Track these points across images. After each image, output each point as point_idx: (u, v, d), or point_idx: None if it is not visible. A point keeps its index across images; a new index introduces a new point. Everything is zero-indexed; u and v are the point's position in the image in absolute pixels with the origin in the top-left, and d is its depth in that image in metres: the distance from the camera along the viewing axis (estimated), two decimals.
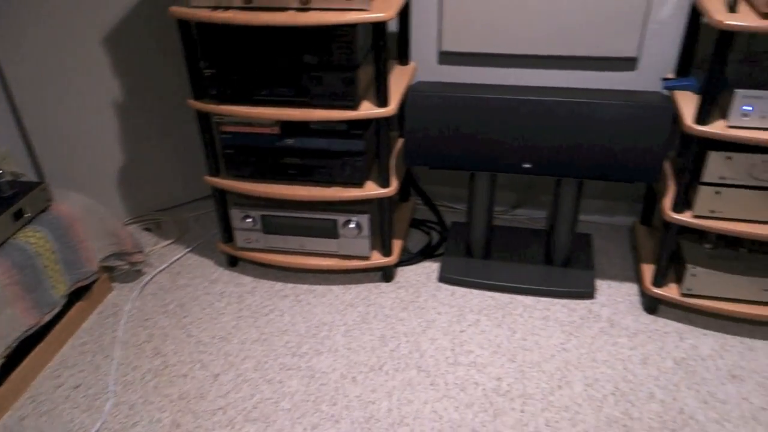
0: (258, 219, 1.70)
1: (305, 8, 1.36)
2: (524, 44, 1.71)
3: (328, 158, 1.58)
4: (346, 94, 1.44)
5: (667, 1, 1.58)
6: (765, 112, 1.26)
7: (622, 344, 1.54)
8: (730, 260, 1.52)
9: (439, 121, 1.49)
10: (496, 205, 2.06)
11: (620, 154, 1.43)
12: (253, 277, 1.82)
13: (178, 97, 1.95)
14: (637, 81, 1.71)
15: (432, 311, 1.67)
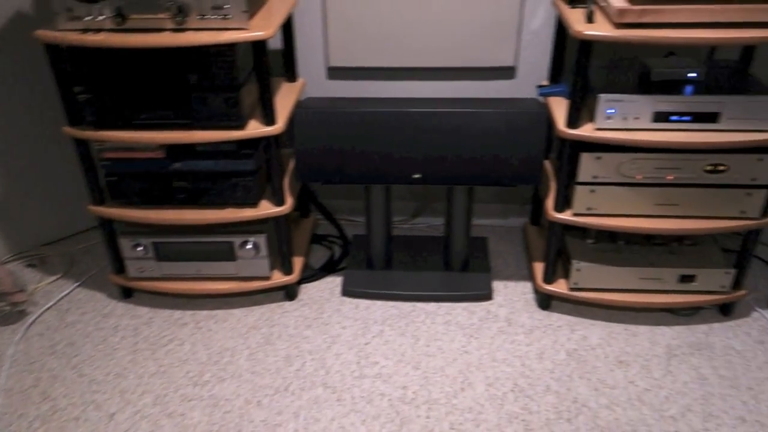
0: (149, 247, 1.64)
1: (181, 29, 1.33)
2: (409, 57, 1.75)
3: (219, 179, 1.55)
4: (230, 114, 1.42)
5: (537, 13, 1.68)
6: (626, 113, 1.36)
7: (519, 341, 1.60)
8: (610, 253, 1.63)
9: (328, 136, 1.50)
10: (396, 215, 2.09)
11: (503, 159, 1.50)
12: (149, 308, 1.75)
13: (53, 124, 1.85)
14: (517, 89, 1.79)
15: (337, 326, 1.67)
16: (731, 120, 1.35)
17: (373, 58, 1.76)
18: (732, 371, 1.49)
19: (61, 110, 1.83)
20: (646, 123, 1.37)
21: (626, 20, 1.25)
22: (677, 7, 1.23)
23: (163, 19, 1.32)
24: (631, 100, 1.35)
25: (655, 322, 1.64)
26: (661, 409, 1.40)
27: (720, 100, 1.33)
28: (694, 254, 1.61)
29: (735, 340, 1.58)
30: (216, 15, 1.31)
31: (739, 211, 1.46)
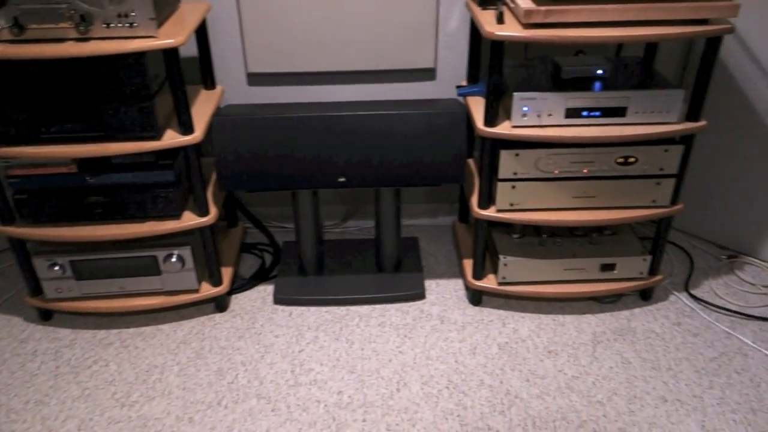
0: (67, 266, 1.57)
1: (85, 38, 1.28)
2: (330, 61, 1.75)
3: (138, 192, 1.50)
4: (145, 124, 1.38)
5: (452, 15, 1.70)
6: (540, 111, 1.40)
7: (452, 338, 1.62)
8: (535, 247, 1.67)
9: (249, 143, 1.48)
10: (327, 219, 2.08)
11: (426, 159, 1.51)
12: (71, 329, 1.67)
13: None
14: (438, 89, 1.82)
15: (270, 335, 1.65)
16: (637, 114, 1.41)
17: (294, 63, 1.75)
18: (653, 353, 1.56)
19: None
20: (560, 119, 1.41)
21: (533, 20, 1.29)
22: (580, 7, 1.28)
23: (65, 29, 1.27)
24: (543, 98, 1.39)
25: (581, 311, 1.70)
26: (589, 395, 1.45)
27: (626, 95, 1.39)
28: (613, 243, 1.68)
29: (655, 324, 1.65)
30: (122, 23, 1.27)
31: (650, 201, 1.53)
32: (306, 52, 1.73)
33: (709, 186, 1.87)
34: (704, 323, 1.64)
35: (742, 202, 1.82)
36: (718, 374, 1.49)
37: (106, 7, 1.25)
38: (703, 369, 1.51)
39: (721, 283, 1.78)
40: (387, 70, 1.79)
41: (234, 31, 1.72)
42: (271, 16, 1.67)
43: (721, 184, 1.84)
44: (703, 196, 1.89)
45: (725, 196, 1.85)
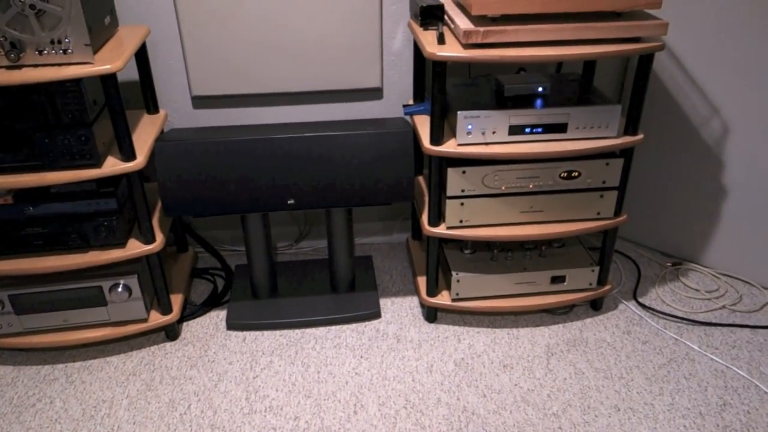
0: (5, 300, 1.51)
1: (17, 65, 1.24)
2: (275, 83, 1.74)
3: (79, 222, 1.45)
4: (84, 152, 1.34)
5: (396, 35, 1.72)
6: (483, 128, 1.42)
7: (408, 357, 1.62)
8: (486, 262, 1.68)
9: (193, 168, 1.46)
10: (280, 240, 2.06)
11: (374, 179, 1.51)
12: (12, 366, 1.61)
13: None
14: (386, 108, 1.83)
15: (223, 362, 1.61)
16: (578, 129, 1.44)
17: (239, 85, 1.73)
18: (605, 363, 1.58)
19: None
20: (503, 136, 1.44)
21: (472, 41, 1.31)
22: (518, 27, 1.31)
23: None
24: (487, 116, 1.41)
25: (534, 323, 1.72)
26: (544, 408, 1.46)
27: (566, 111, 1.42)
28: (562, 256, 1.70)
29: (606, 333, 1.68)
30: (56, 50, 1.24)
31: (595, 213, 1.56)
32: (251, 73, 1.72)
33: (653, 196, 1.92)
34: (653, 330, 1.68)
35: (683, 210, 1.88)
36: (667, 380, 1.52)
37: (38, 34, 1.22)
38: (653, 376, 1.54)
39: (668, 291, 1.83)
40: (334, 90, 1.79)
41: (176, 54, 1.70)
42: (214, 37, 1.66)
43: (663, 194, 1.90)
44: (648, 205, 1.95)
45: (668, 206, 1.90)
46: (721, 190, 1.79)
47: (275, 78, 1.74)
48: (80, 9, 1.22)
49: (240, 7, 1.62)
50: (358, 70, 1.74)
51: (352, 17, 1.67)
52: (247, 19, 1.64)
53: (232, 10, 1.63)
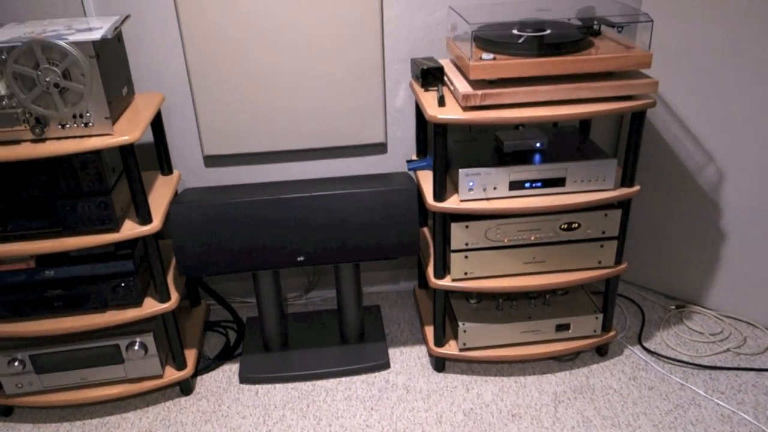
0: (26, 360, 1.56)
1: (41, 139, 1.32)
2: (283, 141, 1.81)
3: (97, 283, 1.51)
4: (103, 218, 1.41)
5: (398, 93, 1.79)
6: (484, 185, 1.48)
7: (418, 408, 1.64)
8: (492, 311, 1.72)
9: (207, 228, 1.52)
10: (290, 291, 2.11)
11: (380, 234, 1.57)
12: (32, 424, 1.64)
13: None
14: (390, 163, 1.89)
15: (236, 417, 1.64)
16: (576, 183, 1.49)
17: (248, 144, 1.81)
18: (612, 410, 1.60)
19: None
20: (504, 191, 1.49)
21: (471, 104, 1.38)
22: (514, 90, 1.37)
23: (20, 131, 1.30)
24: (487, 173, 1.47)
25: (541, 371, 1.74)
26: None
27: (564, 166, 1.48)
28: (566, 303, 1.74)
29: (612, 379, 1.70)
30: (77, 123, 1.31)
31: (596, 262, 1.60)
32: (260, 133, 1.80)
33: (655, 239, 1.96)
34: (658, 375, 1.70)
35: (685, 253, 1.92)
36: (674, 427, 1.54)
37: (61, 110, 1.30)
38: (660, 423, 1.55)
39: (672, 334, 1.85)
40: (340, 147, 1.86)
41: (189, 117, 1.78)
42: (224, 100, 1.74)
43: (665, 237, 1.94)
44: (650, 249, 1.99)
45: (670, 249, 1.94)
46: (721, 234, 1.83)
47: (283, 136, 1.81)
48: (101, 85, 1.30)
49: (249, 71, 1.70)
50: (363, 127, 1.82)
51: (356, 77, 1.75)
52: (256, 83, 1.72)
53: (241, 75, 1.71)
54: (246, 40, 1.67)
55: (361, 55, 1.72)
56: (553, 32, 1.46)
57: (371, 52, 1.72)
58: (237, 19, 1.65)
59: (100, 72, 1.30)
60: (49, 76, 1.26)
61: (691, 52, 1.69)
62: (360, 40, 1.71)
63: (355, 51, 1.71)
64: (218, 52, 1.68)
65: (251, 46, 1.68)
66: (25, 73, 1.26)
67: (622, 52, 1.40)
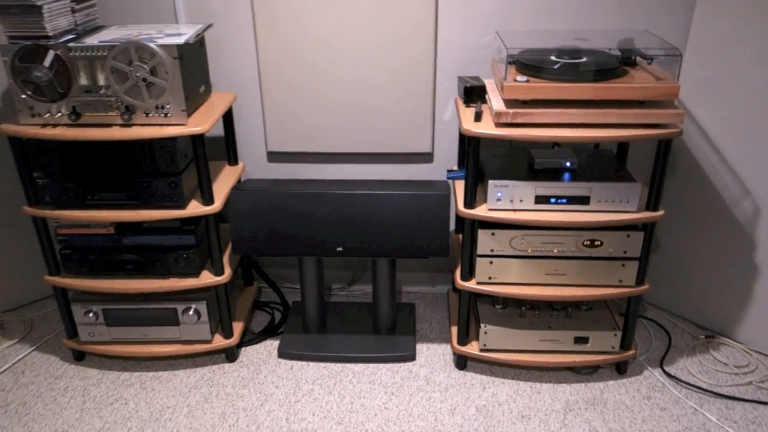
0: (100, 313, 1.81)
1: (128, 124, 1.55)
2: (339, 144, 1.99)
3: (164, 253, 1.74)
4: (173, 195, 1.63)
5: (447, 108, 1.94)
6: (512, 196, 1.59)
7: (435, 398, 1.77)
8: (515, 318, 1.82)
9: (260, 214, 1.71)
10: (335, 282, 2.28)
11: (413, 234, 1.71)
12: (99, 370, 1.89)
13: (13, 203, 2.04)
14: (436, 171, 2.03)
15: (271, 385, 1.82)
16: (600, 202, 1.58)
17: (308, 144, 2.00)
18: (620, 424, 1.66)
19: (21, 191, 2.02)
20: (530, 204, 1.60)
21: (503, 120, 1.50)
22: (544, 111, 1.48)
23: (112, 117, 1.55)
24: (515, 186, 1.58)
25: (557, 380, 1.82)
26: None
27: (589, 186, 1.57)
28: (588, 318, 1.81)
29: (626, 396, 1.76)
30: (159, 113, 1.54)
31: (617, 280, 1.67)
32: (320, 134, 1.98)
33: (689, 267, 1.99)
34: (673, 398, 1.74)
35: (719, 284, 1.94)
36: None
37: (147, 101, 1.53)
38: None
39: (696, 362, 1.88)
40: (390, 153, 2.02)
41: (257, 116, 1.99)
42: (290, 103, 1.94)
43: (699, 267, 1.97)
44: (684, 277, 2.02)
45: (704, 278, 1.97)
46: (755, 268, 1.84)
47: (340, 139, 1.99)
48: (180, 83, 1.52)
49: (313, 79, 1.90)
50: (413, 137, 1.97)
51: (409, 91, 1.90)
52: (319, 90, 1.91)
53: (306, 82, 1.90)
54: (313, 52, 1.87)
55: (415, 71, 1.88)
56: (588, 60, 1.56)
57: (424, 69, 1.88)
58: (306, 32, 1.84)
59: (180, 71, 1.52)
60: (139, 71, 1.50)
61: (733, 87, 1.73)
62: (414, 58, 1.86)
63: (410, 67, 1.87)
64: (287, 61, 1.89)
65: (317, 57, 1.87)
66: (120, 68, 1.50)
67: (652, 82, 1.48)
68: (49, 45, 1.49)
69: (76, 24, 1.64)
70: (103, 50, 1.50)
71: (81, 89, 1.53)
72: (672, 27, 1.80)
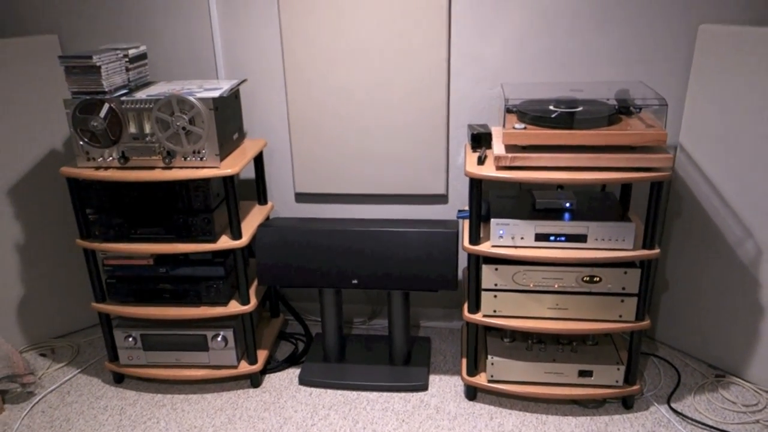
0: (138, 338, 1.98)
1: (169, 167, 1.76)
2: (360, 186, 2.16)
3: (196, 282, 1.91)
4: (205, 230, 1.82)
5: (460, 153, 2.09)
6: (513, 233, 1.71)
7: (443, 426, 1.85)
8: (521, 350, 1.91)
9: (283, 249, 1.88)
10: (356, 316, 2.41)
11: (422, 268, 1.84)
12: (135, 391, 2.06)
13: (67, 237, 2.27)
14: (450, 212, 2.17)
15: (290, 410, 1.95)
16: (597, 240, 1.68)
17: (333, 186, 2.18)
18: None
19: (74, 226, 2.25)
20: (530, 242, 1.71)
21: (502, 164, 1.64)
22: (540, 155, 1.61)
23: (155, 160, 1.76)
24: (516, 224, 1.70)
25: (564, 413, 1.89)
26: None
27: (586, 224, 1.68)
28: (593, 352, 1.88)
29: (630, 430, 1.80)
30: (195, 157, 1.75)
31: (617, 315, 1.75)
32: (343, 177, 2.16)
33: (700, 307, 2.04)
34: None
35: (729, 323, 1.98)
36: None
37: (185, 147, 1.74)
38: None
39: (704, 400, 1.91)
40: (407, 194, 2.17)
41: (286, 160, 2.19)
42: (316, 150, 2.13)
43: (709, 306, 2.02)
44: (695, 316, 2.07)
45: (714, 318, 2.01)
46: (761, 308, 1.89)
47: (361, 182, 2.16)
48: (215, 131, 1.73)
49: (338, 128, 2.09)
50: (428, 180, 2.12)
51: (425, 138, 2.07)
52: (343, 138, 2.10)
53: (332, 131, 2.09)
54: (337, 102, 2.06)
55: (430, 119, 2.04)
56: (583, 109, 1.69)
57: (438, 118, 2.04)
58: (331, 85, 2.04)
59: (215, 121, 1.72)
60: (179, 121, 1.71)
61: (731, 132, 1.82)
62: (429, 108, 2.03)
63: (425, 116, 2.04)
64: (314, 111, 2.08)
65: (341, 107, 2.06)
66: (164, 118, 1.72)
67: (642, 129, 1.60)
68: (105, 99, 1.72)
69: (129, 80, 1.88)
70: (150, 103, 1.72)
71: (130, 136, 1.76)
72: (672, 74, 1.92)
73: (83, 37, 2.13)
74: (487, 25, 1.95)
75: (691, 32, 1.87)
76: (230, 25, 2.05)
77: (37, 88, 2.09)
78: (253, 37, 2.06)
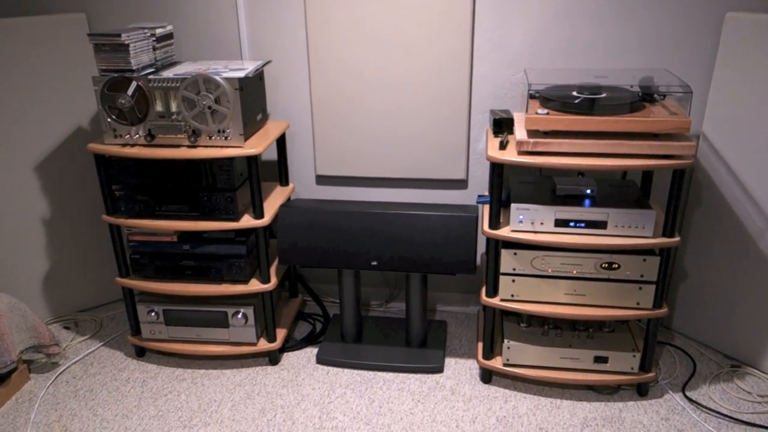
0: (160, 313, 2.03)
1: (194, 145, 1.79)
2: (381, 169, 2.18)
3: (218, 260, 1.95)
4: (228, 209, 1.85)
5: (480, 139, 2.09)
6: (533, 219, 1.72)
7: (458, 407, 1.88)
8: (537, 336, 1.92)
9: (303, 229, 1.90)
10: (373, 298, 2.44)
11: (441, 252, 1.86)
12: (157, 365, 2.11)
13: (93, 213, 2.32)
14: (469, 197, 2.18)
15: (307, 387, 1.99)
16: (617, 227, 1.69)
17: (353, 169, 2.19)
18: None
19: (100, 202, 2.30)
20: (550, 227, 1.72)
21: (524, 149, 1.64)
22: (561, 141, 1.62)
23: (181, 138, 1.79)
24: (536, 209, 1.71)
25: (578, 398, 1.90)
26: None
27: (606, 211, 1.68)
28: (609, 339, 1.89)
29: (644, 416, 1.82)
30: (220, 136, 1.77)
31: (635, 303, 1.76)
32: (364, 161, 2.18)
33: (718, 297, 2.04)
34: (691, 421, 1.79)
35: (747, 314, 1.98)
36: None
37: (210, 126, 1.76)
38: None
39: (718, 389, 1.92)
40: (428, 179, 2.18)
41: (308, 142, 2.21)
42: (337, 132, 2.15)
43: (728, 296, 2.02)
44: (713, 306, 2.06)
45: (732, 308, 2.01)
46: None
47: (382, 166, 2.17)
48: (239, 111, 1.75)
49: (359, 111, 2.10)
50: (449, 165, 2.13)
51: (446, 123, 2.07)
52: (364, 121, 2.11)
53: (353, 113, 2.11)
54: (359, 87, 2.08)
55: (451, 104, 2.05)
56: (606, 95, 1.68)
57: (460, 103, 2.05)
58: (353, 69, 2.06)
59: (240, 101, 1.75)
60: (205, 100, 1.74)
61: (754, 122, 1.81)
62: (451, 93, 2.04)
63: (447, 101, 2.05)
64: (336, 94, 2.10)
65: (363, 91, 2.08)
66: (190, 97, 1.74)
67: (666, 117, 1.60)
68: (132, 77, 1.75)
69: (156, 59, 1.91)
70: (176, 82, 1.74)
71: (156, 115, 1.78)
72: (697, 63, 1.90)
73: (110, 17, 2.16)
74: (511, 10, 1.95)
75: (718, 20, 1.86)
76: (255, 7, 2.07)
77: (65, 66, 2.12)
78: (278, 18, 2.07)
